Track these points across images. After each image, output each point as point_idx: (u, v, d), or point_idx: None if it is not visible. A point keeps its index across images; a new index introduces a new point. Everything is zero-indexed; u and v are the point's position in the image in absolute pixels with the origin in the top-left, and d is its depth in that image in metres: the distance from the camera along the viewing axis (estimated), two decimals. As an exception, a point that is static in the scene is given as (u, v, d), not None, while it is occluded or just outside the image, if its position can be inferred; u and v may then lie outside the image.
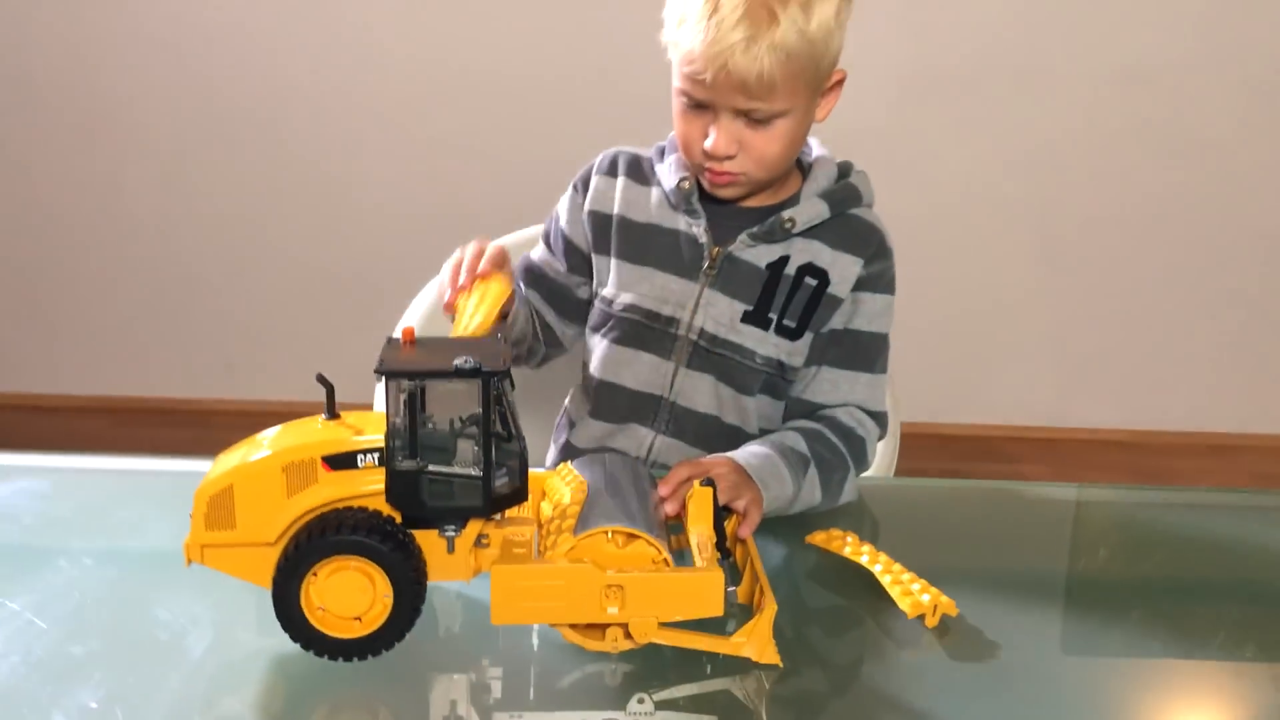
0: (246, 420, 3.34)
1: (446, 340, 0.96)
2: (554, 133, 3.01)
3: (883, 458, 1.49)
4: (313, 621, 0.87)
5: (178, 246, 3.20)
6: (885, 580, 1.02)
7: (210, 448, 3.26)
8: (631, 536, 0.90)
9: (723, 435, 1.29)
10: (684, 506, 0.99)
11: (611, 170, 1.37)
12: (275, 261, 3.22)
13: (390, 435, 0.87)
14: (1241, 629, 1.05)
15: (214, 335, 3.29)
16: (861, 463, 1.28)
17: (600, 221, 1.36)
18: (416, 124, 3.08)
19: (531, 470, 0.93)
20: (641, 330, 1.32)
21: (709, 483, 0.98)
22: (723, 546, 0.97)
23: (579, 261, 1.38)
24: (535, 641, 0.95)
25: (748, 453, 1.18)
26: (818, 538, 1.12)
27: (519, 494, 0.91)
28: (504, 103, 3.03)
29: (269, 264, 3.22)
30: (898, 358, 1.46)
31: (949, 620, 0.99)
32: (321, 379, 0.92)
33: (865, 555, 1.06)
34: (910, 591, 0.99)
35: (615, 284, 1.33)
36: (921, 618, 0.98)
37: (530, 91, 3.04)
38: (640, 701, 0.88)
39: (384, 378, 0.86)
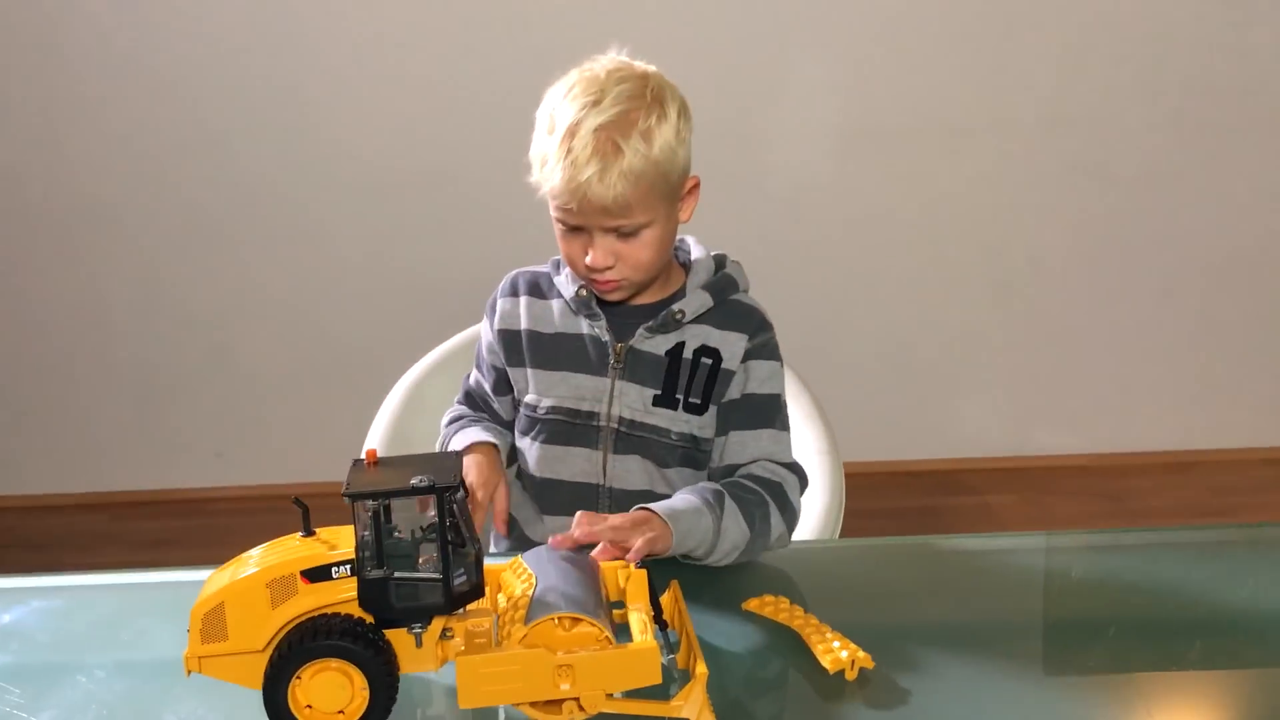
0: (239, 505, 3.47)
1: (406, 458, 1.08)
2: (530, 212, 3.12)
3: (828, 517, 1.61)
4: (299, 718, 0.99)
5: (161, 343, 3.30)
6: (811, 639, 1.14)
7: (206, 534, 3.34)
8: (575, 620, 1.02)
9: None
10: (623, 587, 1.12)
11: (513, 291, 1.54)
12: (257, 350, 3.32)
13: (360, 548, 1.00)
14: (1155, 675, 1.15)
15: (202, 426, 3.38)
16: (783, 502, 1.39)
17: (510, 339, 1.52)
18: (390, 208, 3.17)
19: (487, 564, 1.06)
20: (567, 428, 1.47)
21: (643, 567, 1.11)
22: (659, 619, 1.09)
23: (501, 379, 1.55)
24: (502, 718, 1.07)
25: (666, 501, 1.32)
26: (752, 604, 1.24)
27: (476, 590, 1.04)
28: (476, 185, 3.14)
29: (251, 353, 3.32)
30: (862, 400, 1.54)
31: (868, 673, 1.11)
32: (297, 501, 1.05)
33: (794, 617, 1.18)
34: (831, 649, 1.11)
35: (535, 391, 1.49)
36: (842, 672, 1.10)
37: (501, 170, 3.16)
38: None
39: (351, 500, 0.98)
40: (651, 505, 1.29)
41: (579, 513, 1.22)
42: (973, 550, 1.48)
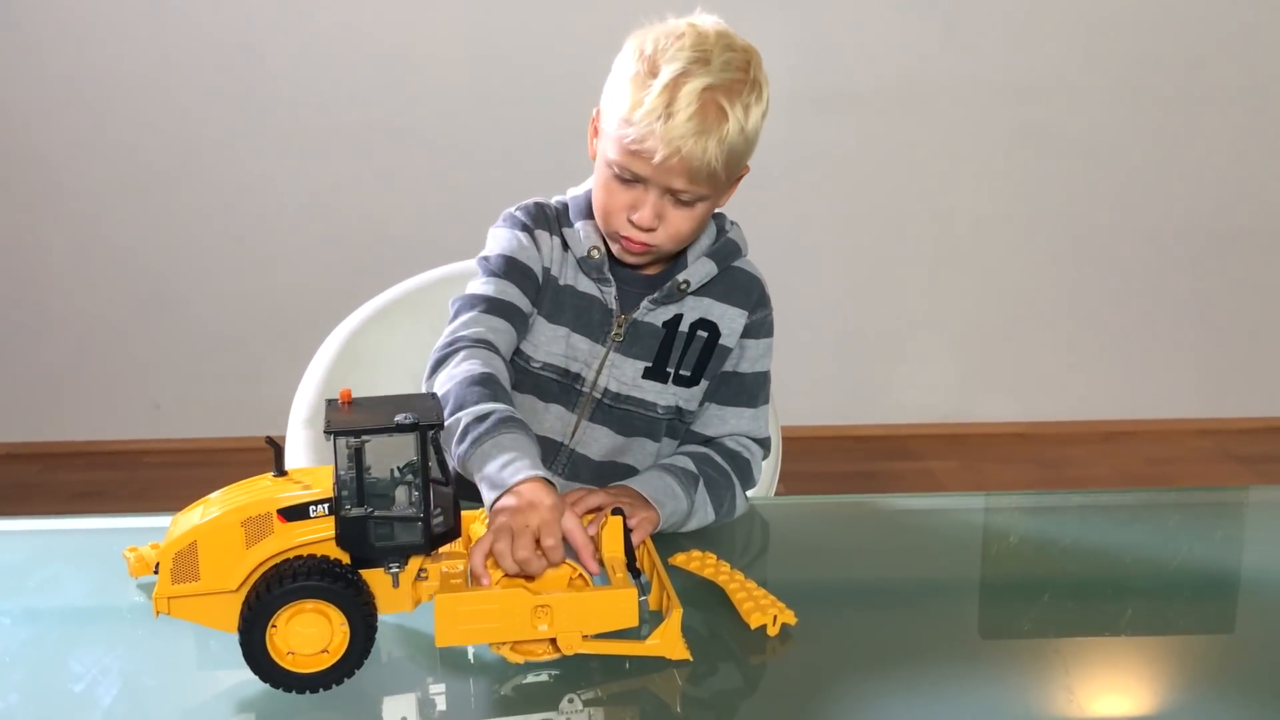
0: (176, 458, 3.42)
1: (380, 399, 1.07)
2: (483, 164, 3.10)
3: (764, 478, 1.62)
4: (280, 662, 0.98)
5: (99, 292, 3.25)
6: (735, 595, 1.14)
7: (140, 487, 3.32)
8: (572, 568, 1.02)
9: (615, 478, 1.38)
10: (598, 533, 1.12)
11: (546, 225, 1.42)
12: (196, 302, 3.28)
13: (339, 486, 0.98)
14: (1081, 639, 1.15)
15: (139, 377, 3.33)
16: (748, 480, 1.40)
17: (545, 277, 1.41)
18: (332, 159, 3.15)
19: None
20: (552, 385, 1.41)
21: (618, 511, 1.11)
22: (632, 566, 1.09)
23: (535, 294, 1.41)
24: (471, 659, 1.06)
25: (642, 479, 1.32)
26: (678, 559, 1.23)
27: (453, 532, 1.03)
28: (419, 138, 3.12)
29: (190, 305, 3.28)
30: (808, 366, 1.53)
31: (790, 629, 1.10)
32: (270, 440, 1.03)
33: (719, 573, 1.18)
34: (758, 604, 1.11)
35: (534, 342, 1.41)
36: (764, 627, 1.10)
37: (442, 129, 3.13)
38: (570, 702, 0.99)
39: (333, 436, 0.97)
40: (638, 487, 1.28)
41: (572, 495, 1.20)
42: (906, 510, 1.49)
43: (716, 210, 1.44)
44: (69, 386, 3.34)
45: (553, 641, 1.02)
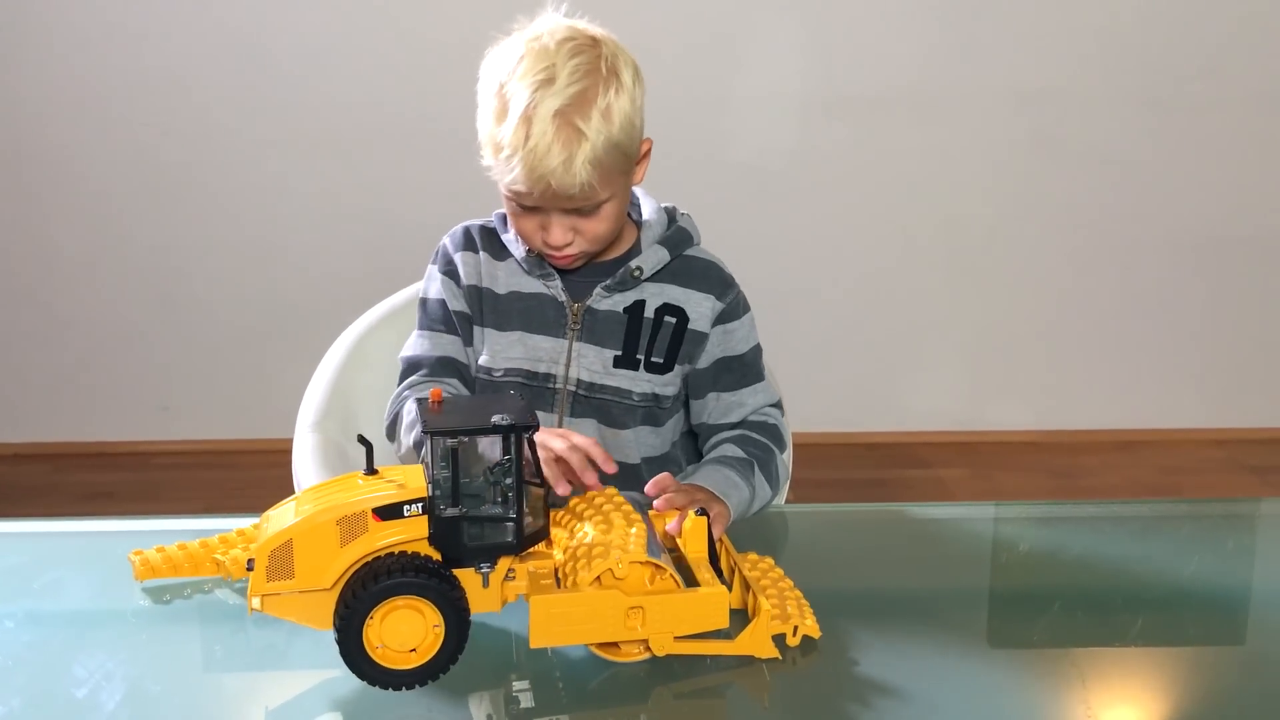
0: (184, 460, 3.41)
1: (469, 399, 1.08)
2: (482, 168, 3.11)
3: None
4: (375, 659, 0.98)
5: (108, 293, 3.24)
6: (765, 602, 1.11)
7: (145, 488, 3.30)
8: (658, 568, 1.03)
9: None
10: (680, 534, 1.13)
11: (470, 245, 1.46)
12: (206, 303, 3.27)
13: (434, 486, 0.99)
14: (1096, 650, 1.15)
15: (148, 378, 3.32)
16: (782, 446, 1.44)
17: (474, 294, 1.45)
18: (343, 162, 3.15)
19: None
20: (522, 390, 1.42)
21: (703, 512, 1.12)
22: (716, 565, 1.10)
23: (468, 335, 1.46)
24: (552, 658, 1.07)
25: (702, 475, 1.33)
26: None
27: (542, 532, 1.04)
28: (431, 138, 3.11)
29: (200, 306, 3.27)
30: (818, 372, 1.50)
31: (812, 640, 1.09)
32: (362, 439, 1.03)
33: (764, 578, 1.16)
34: (783, 614, 1.09)
35: (489, 353, 1.43)
36: (784, 636, 1.08)
37: (453, 129, 3.13)
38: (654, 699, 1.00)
39: (429, 436, 0.97)
40: (702, 482, 1.30)
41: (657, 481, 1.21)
42: (917, 518, 1.49)
43: (665, 205, 1.47)
44: (78, 387, 3.32)
45: (644, 642, 1.03)
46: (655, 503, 1.17)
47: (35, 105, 3.06)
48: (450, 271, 1.46)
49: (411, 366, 1.45)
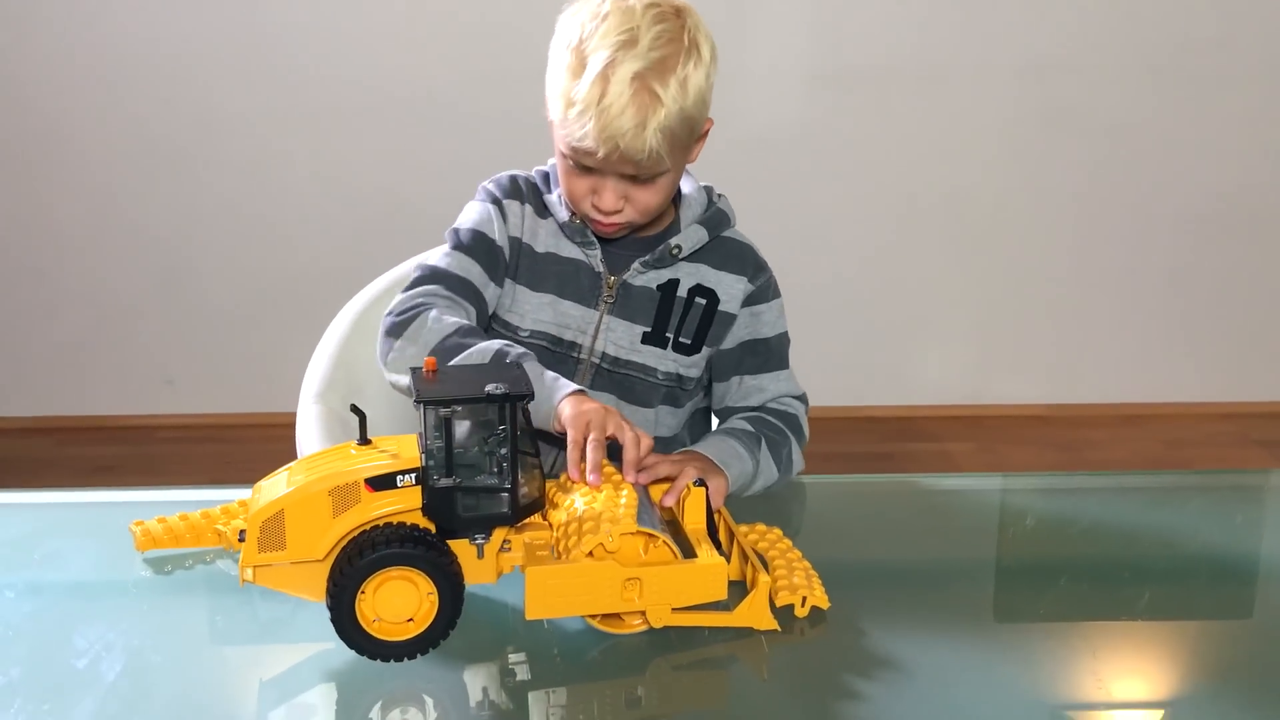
0: (188, 434, 3.40)
1: (465, 368, 1.06)
2: (483, 143, 3.09)
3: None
4: (371, 632, 0.97)
5: (112, 268, 3.24)
6: (775, 573, 1.10)
7: (152, 462, 3.30)
8: (651, 536, 1.01)
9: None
10: (678, 504, 1.11)
11: (517, 194, 1.42)
12: (209, 277, 3.27)
13: (427, 456, 0.97)
14: (1103, 623, 1.14)
15: (151, 353, 3.32)
16: (801, 436, 1.41)
17: (515, 246, 1.41)
18: (346, 137, 3.14)
19: None
20: (546, 355, 1.38)
21: (701, 483, 1.10)
22: (714, 536, 1.09)
23: (498, 274, 1.41)
24: (549, 630, 1.06)
25: (705, 443, 1.31)
26: (740, 530, 1.18)
27: (538, 503, 1.03)
28: (432, 113, 3.10)
29: (203, 280, 3.27)
30: (823, 346, 1.50)
31: (821, 611, 1.08)
32: (355, 408, 1.02)
33: (773, 549, 1.15)
34: (790, 585, 1.08)
35: (518, 311, 1.40)
36: (791, 606, 1.07)
37: (454, 104, 3.11)
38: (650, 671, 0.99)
39: (422, 405, 0.96)
40: (702, 451, 1.28)
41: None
42: (924, 489, 1.48)
43: (703, 184, 1.45)
44: (82, 361, 3.32)
45: (641, 614, 1.01)
46: (639, 475, 1.13)
47: (37, 82, 3.05)
48: (500, 209, 1.42)
49: (432, 275, 1.36)
